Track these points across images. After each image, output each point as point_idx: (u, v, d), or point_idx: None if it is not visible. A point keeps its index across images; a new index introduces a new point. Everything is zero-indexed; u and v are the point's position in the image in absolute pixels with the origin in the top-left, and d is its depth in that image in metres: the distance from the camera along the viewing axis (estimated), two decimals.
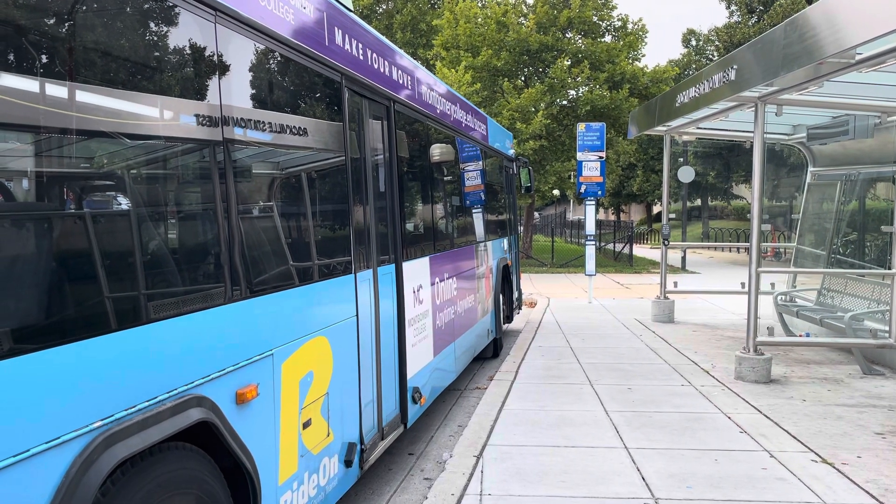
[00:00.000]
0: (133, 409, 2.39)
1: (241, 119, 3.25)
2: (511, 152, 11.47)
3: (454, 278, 7.28)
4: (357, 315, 4.49)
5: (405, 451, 5.96)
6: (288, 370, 3.52)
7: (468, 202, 8.50)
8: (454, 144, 7.72)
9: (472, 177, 8.71)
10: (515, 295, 11.47)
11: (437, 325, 6.55)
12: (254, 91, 3.46)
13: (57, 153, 2.28)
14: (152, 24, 2.70)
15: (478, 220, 8.92)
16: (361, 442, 4.55)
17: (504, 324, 10.51)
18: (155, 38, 2.71)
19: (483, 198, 9.19)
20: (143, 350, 2.47)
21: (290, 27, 3.65)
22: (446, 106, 7.21)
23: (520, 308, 12.11)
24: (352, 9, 4.76)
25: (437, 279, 6.57)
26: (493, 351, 9.68)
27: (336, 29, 4.29)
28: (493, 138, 9.88)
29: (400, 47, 5.86)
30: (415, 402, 5.70)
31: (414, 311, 5.77)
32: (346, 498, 4.69)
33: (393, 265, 5.34)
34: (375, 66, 5.03)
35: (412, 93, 5.98)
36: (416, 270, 5.91)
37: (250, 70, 3.39)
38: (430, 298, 6.34)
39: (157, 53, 2.73)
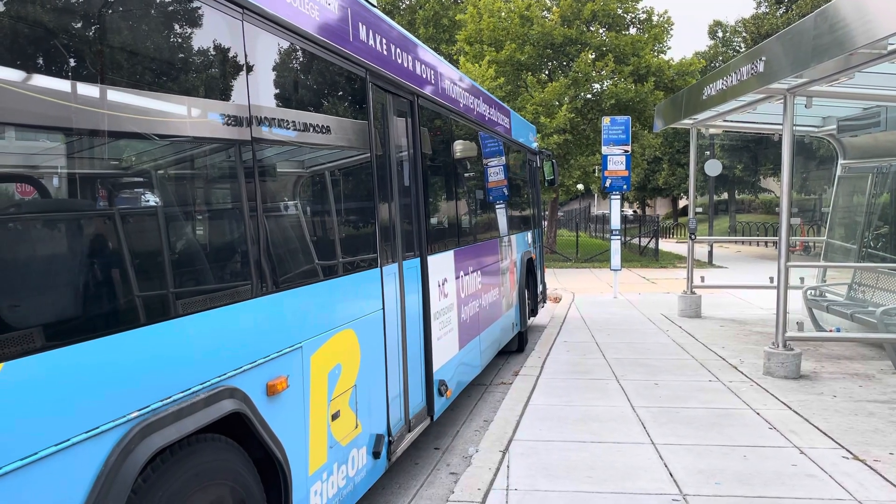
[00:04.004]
0: (168, 400, 2.44)
1: (269, 117, 3.29)
2: (534, 145, 11.40)
3: (478, 272, 7.29)
4: (383, 308, 4.55)
5: (431, 445, 5.99)
6: (317, 362, 3.57)
7: (491, 196, 8.50)
8: (477, 139, 7.76)
9: (496, 171, 8.72)
10: (540, 289, 11.42)
11: (462, 318, 6.59)
12: (282, 89, 3.49)
13: (101, 154, 2.36)
14: (181, 24, 2.73)
15: (501, 213, 8.90)
16: (389, 434, 4.60)
17: (529, 318, 10.47)
18: (183, 38, 2.74)
19: (506, 191, 9.19)
20: (178, 343, 2.52)
21: (315, 24, 3.68)
22: (469, 100, 7.19)
23: (544, 302, 12.08)
24: (375, 4, 4.76)
25: (461, 273, 6.60)
26: (517, 345, 9.69)
27: (360, 24, 4.30)
28: (516, 132, 9.86)
29: (423, 43, 5.86)
30: (441, 394, 5.74)
31: (439, 304, 5.80)
32: (372, 491, 4.73)
33: (418, 259, 5.38)
34: (399, 62, 5.04)
35: (435, 87, 5.99)
36: (441, 264, 5.94)
37: (278, 67, 3.42)
38: (455, 292, 6.36)
39: (184, 53, 2.76)
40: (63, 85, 2.14)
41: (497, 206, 8.75)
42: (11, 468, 1.81)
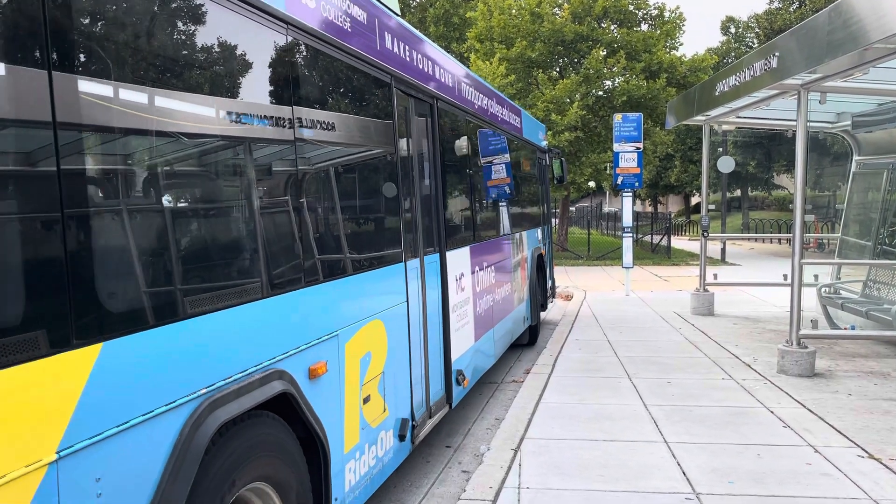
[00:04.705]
0: (230, 380, 2.73)
1: (309, 120, 3.53)
2: (544, 143, 11.58)
3: (492, 267, 7.54)
4: (407, 301, 4.84)
5: (443, 443, 5.99)
6: (351, 349, 3.87)
7: (504, 194, 8.70)
8: (494, 139, 8.01)
9: (510, 169, 8.93)
10: (549, 284, 11.65)
11: (478, 311, 6.82)
12: (320, 94, 3.79)
13: (182, 155, 2.67)
14: (241, 41, 3.00)
15: (513, 211, 9.13)
16: (413, 418, 4.88)
17: (539, 312, 10.58)
18: (241, 52, 3.03)
19: (518, 189, 9.44)
20: (239, 328, 2.81)
21: (348, 35, 3.96)
22: (483, 101, 7.41)
23: (553, 297, 12.23)
24: (399, 13, 5.02)
25: (476, 268, 6.83)
26: (528, 338, 9.89)
27: (386, 34, 4.57)
28: (527, 130, 10.03)
29: (433, 41, 6.06)
30: (458, 383, 5.99)
31: (456, 297, 6.04)
32: (384, 488, 4.74)
33: (437, 254, 5.61)
34: (420, 67, 5.31)
35: (453, 90, 6.22)
36: (458, 259, 6.16)
37: (316, 74, 3.74)
38: (471, 286, 6.60)
39: (251, 69, 3.08)
40: (177, 96, 2.44)
41: (510, 204, 8.96)
42: (110, 433, 2.12)
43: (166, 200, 2.58)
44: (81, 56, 2.13)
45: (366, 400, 4.05)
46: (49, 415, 1.92)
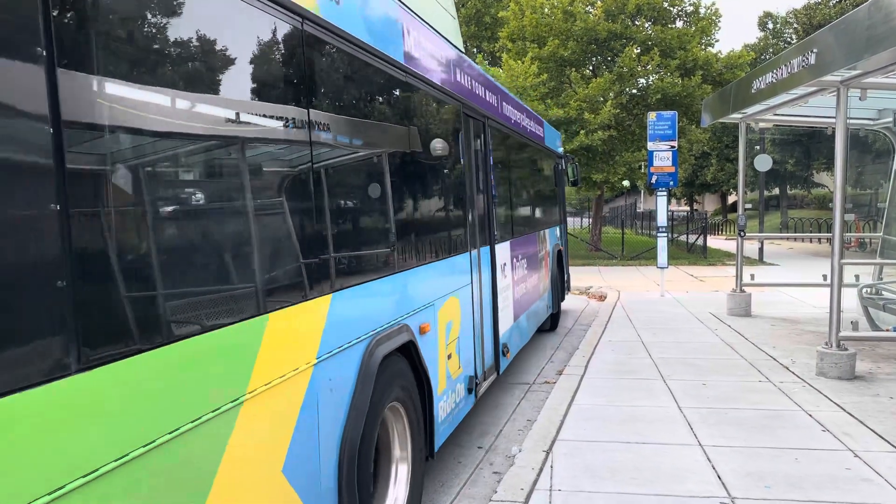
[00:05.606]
0: (385, 327, 3.94)
1: (421, 139, 4.82)
2: (560, 150, 12.95)
3: (525, 259, 8.69)
4: (471, 283, 5.96)
5: (474, 444, 5.99)
6: (441, 316, 5.03)
7: (533, 195, 10.11)
8: (524, 148, 9.32)
9: (536, 174, 10.51)
10: (566, 277, 12.80)
11: (515, 296, 7.95)
12: (428, 125, 5.12)
13: (329, 162, 3.48)
14: (379, 84, 4.21)
15: (539, 210, 10.48)
16: (476, 377, 5.97)
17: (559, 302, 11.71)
18: (379, 91, 4.25)
19: (544, 191, 10.95)
20: (388, 292, 4.05)
21: (437, 74, 5.20)
22: (517, 115, 8.65)
23: (569, 289, 13.33)
24: (463, 50, 6.30)
25: (514, 259, 7.96)
26: (550, 324, 11.02)
27: (457, 70, 5.83)
28: (548, 139, 11.25)
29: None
30: (503, 354, 7.06)
31: (502, 282, 7.15)
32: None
33: (488, 246, 6.72)
34: (478, 93, 6.56)
35: (497, 109, 7.44)
36: (502, 251, 7.27)
37: (424, 108, 5.05)
38: (511, 274, 7.74)
39: (382, 100, 4.31)
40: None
41: (536, 204, 10.33)
42: (335, 351, 3.31)
43: (369, 206, 4.02)
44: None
45: (448, 357, 5.17)
46: (312, 336, 3.10)
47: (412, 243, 4.61)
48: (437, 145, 5.18)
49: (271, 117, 2.87)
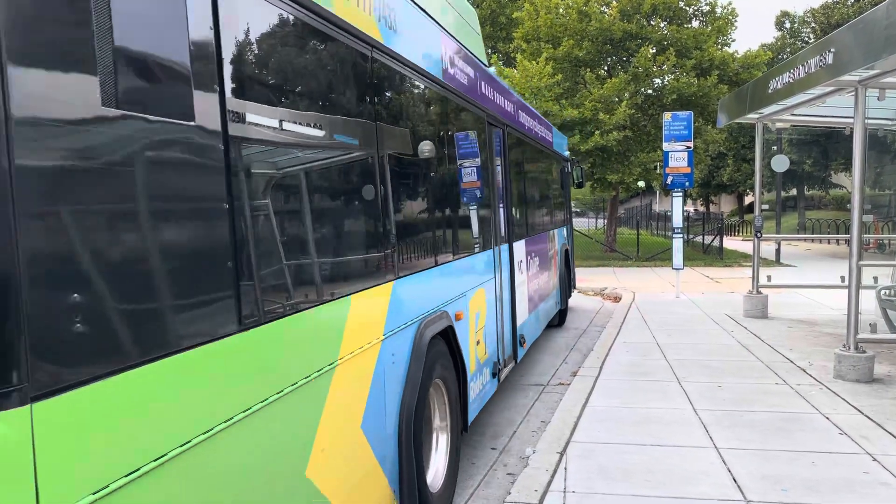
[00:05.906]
0: (430, 311, 4.51)
1: (457, 148, 5.63)
2: (566, 153, 13.64)
3: (538, 257, 9.23)
4: (494, 277, 6.50)
5: (488, 445, 5.99)
6: (472, 305, 5.58)
7: (544, 197, 10.74)
8: (536, 152, 9.90)
9: (547, 177, 11.20)
10: (572, 275, 13.36)
11: (530, 291, 8.48)
12: (457, 135, 5.72)
13: (397, 171, 4.19)
14: (426, 100, 4.94)
15: (549, 211, 11.08)
16: (499, 363, 6.53)
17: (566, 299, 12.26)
18: (428, 106, 5.01)
19: (553, 193, 11.64)
20: (434, 280, 4.71)
21: (465, 87, 5.72)
22: (530, 122, 9.21)
23: (574, 287, 13.78)
24: (487, 64, 6.93)
25: (528, 257, 8.47)
26: (558, 320, 11.51)
27: (483, 83, 6.39)
28: (557, 144, 11.85)
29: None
30: (521, 345, 7.63)
31: (519, 278, 7.67)
32: None
33: (507, 244, 7.26)
34: (499, 103, 7.09)
35: (514, 116, 7.97)
36: (518, 249, 7.80)
37: (460, 119, 5.81)
38: (526, 271, 8.24)
39: (433, 115, 5.08)
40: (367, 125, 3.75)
41: (547, 206, 10.95)
42: (396, 331, 3.91)
43: (420, 206, 4.74)
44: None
45: (477, 343, 5.71)
46: (380, 316, 3.70)
47: (451, 239, 5.36)
48: (468, 152, 5.91)
49: (355, 133, 3.52)
